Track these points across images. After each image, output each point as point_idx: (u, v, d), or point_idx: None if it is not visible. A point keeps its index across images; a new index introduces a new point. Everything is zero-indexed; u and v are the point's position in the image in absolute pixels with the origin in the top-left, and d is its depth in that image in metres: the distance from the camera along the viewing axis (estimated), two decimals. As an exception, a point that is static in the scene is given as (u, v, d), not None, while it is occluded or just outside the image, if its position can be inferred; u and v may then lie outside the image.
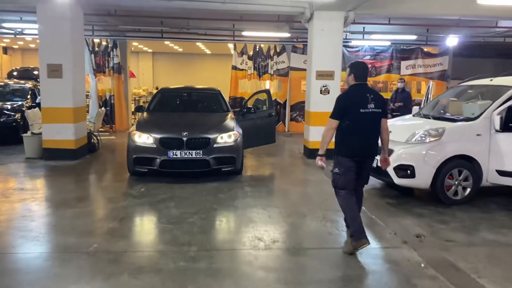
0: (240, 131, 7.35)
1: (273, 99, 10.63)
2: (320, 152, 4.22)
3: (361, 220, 4.24)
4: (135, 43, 18.97)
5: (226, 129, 7.19)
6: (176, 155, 6.73)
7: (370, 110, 4.18)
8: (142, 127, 7.21)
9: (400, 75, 13.69)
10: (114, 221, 5.06)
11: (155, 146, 6.79)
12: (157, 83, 23.00)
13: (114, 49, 13.01)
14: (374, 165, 6.26)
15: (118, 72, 13.17)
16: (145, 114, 8.00)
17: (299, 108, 13.71)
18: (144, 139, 6.88)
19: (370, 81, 14.26)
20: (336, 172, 4.27)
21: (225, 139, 7.02)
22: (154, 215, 5.52)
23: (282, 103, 13.77)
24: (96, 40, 13.11)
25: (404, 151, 6.00)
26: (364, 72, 4.37)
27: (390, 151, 6.10)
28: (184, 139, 6.77)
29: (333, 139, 4.29)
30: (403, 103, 10.42)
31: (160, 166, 6.75)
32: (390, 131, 6.52)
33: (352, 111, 4.16)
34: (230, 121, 7.53)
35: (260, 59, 13.68)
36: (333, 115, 4.22)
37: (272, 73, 13.68)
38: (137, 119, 9.78)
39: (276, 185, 7.19)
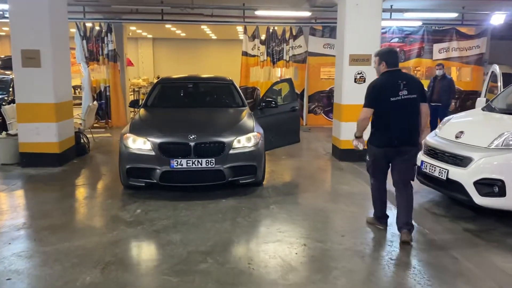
0: (261, 131, 5.83)
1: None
2: (357, 135, 4.26)
3: (384, 207, 4.39)
4: (132, 28, 17.31)
5: (244, 130, 5.67)
6: (181, 165, 5.23)
7: (402, 98, 3.99)
8: (138, 128, 5.68)
9: (433, 59, 12.13)
10: (95, 270, 3.56)
11: (154, 153, 5.28)
12: (158, 72, 21.41)
13: (109, 34, 11.43)
14: (444, 177, 4.86)
15: (114, 60, 11.60)
16: (141, 111, 6.44)
17: (317, 99, 12.22)
18: (140, 145, 5.38)
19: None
20: (367, 160, 4.32)
21: (243, 142, 5.52)
22: (152, 256, 4.01)
23: (299, 93, 12.16)
24: (88, 25, 11.55)
25: (489, 160, 4.47)
26: (397, 59, 4.22)
27: (468, 159, 4.61)
28: (192, 144, 5.27)
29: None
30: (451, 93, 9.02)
31: (160, 179, 5.27)
32: (462, 132, 5.11)
33: (381, 99, 4.02)
34: (248, 119, 6.00)
35: (274, 44, 11.97)
36: (367, 104, 4.12)
37: (287, 59, 12.02)
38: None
39: (309, 201, 5.60)
